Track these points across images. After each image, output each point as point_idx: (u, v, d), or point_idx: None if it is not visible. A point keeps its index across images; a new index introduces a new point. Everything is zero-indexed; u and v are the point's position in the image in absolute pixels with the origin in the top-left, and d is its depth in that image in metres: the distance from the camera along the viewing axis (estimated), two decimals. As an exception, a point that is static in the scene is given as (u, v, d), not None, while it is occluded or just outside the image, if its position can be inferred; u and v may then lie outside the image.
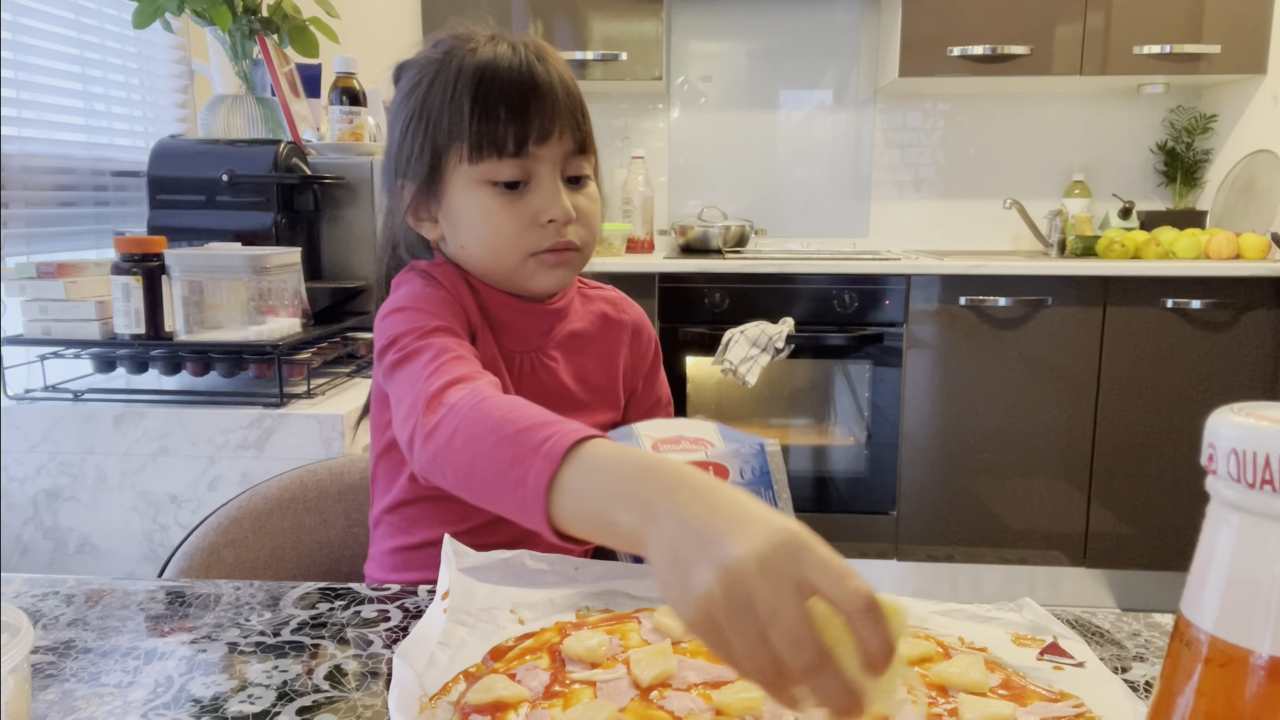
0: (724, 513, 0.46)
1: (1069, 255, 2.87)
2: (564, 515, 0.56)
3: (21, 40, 1.89)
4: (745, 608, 0.43)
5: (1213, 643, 0.32)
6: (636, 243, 3.07)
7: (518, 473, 0.58)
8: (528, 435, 0.60)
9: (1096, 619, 0.72)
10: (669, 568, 0.47)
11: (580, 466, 0.56)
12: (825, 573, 0.43)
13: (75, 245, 2.05)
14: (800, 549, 0.44)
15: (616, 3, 2.85)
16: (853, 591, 0.42)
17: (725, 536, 0.45)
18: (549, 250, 0.88)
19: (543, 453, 0.57)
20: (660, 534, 0.48)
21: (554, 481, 0.56)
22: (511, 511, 0.60)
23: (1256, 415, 0.31)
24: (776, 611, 0.42)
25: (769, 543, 0.44)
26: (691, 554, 0.45)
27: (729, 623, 0.43)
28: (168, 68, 2.42)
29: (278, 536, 1.06)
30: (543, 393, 0.95)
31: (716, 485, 0.50)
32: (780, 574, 0.43)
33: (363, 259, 1.92)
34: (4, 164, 1.80)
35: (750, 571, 0.43)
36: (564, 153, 0.88)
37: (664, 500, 0.49)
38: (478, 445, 0.63)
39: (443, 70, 0.87)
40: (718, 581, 0.43)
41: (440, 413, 0.68)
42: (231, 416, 1.48)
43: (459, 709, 0.55)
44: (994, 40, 2.76)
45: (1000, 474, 2.67)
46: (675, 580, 0.46)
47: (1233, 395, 2.52)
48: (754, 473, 0.75)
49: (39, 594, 0.75)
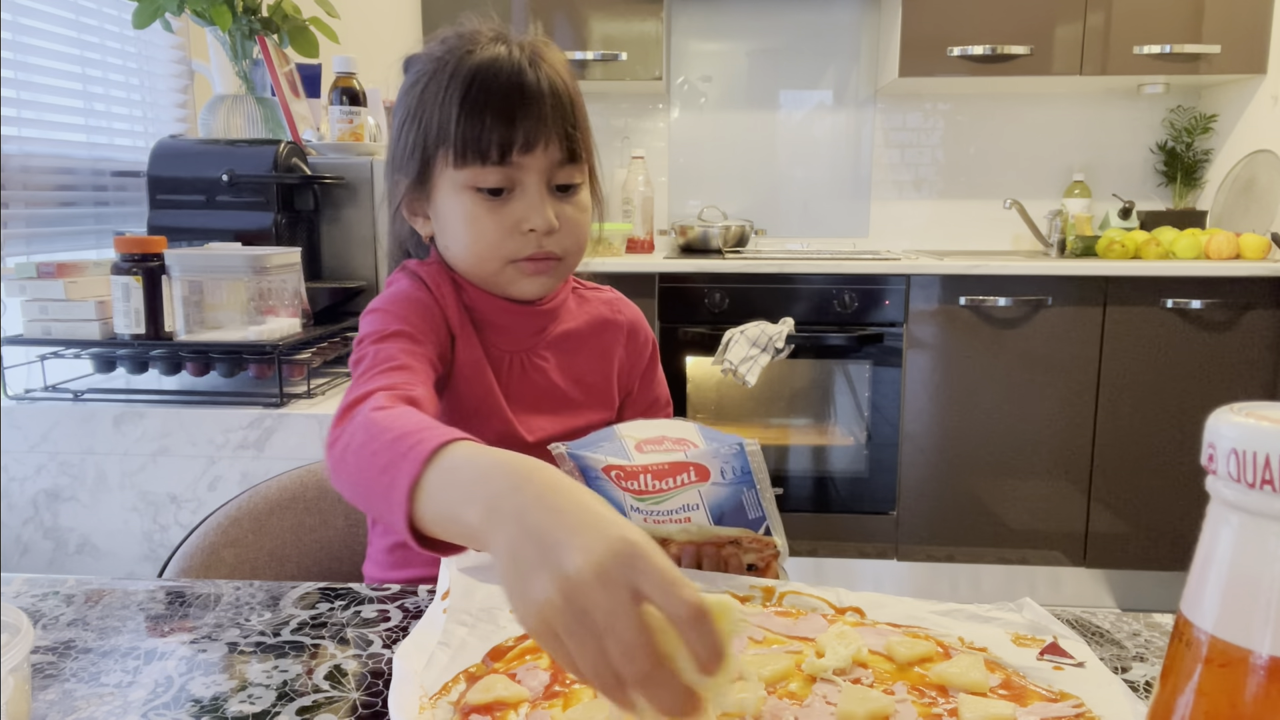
0: (565, 517, 0.46)
1: (1069, 255, 2.87)
2: (424, 516, 0.57)
3: (21, 40, 1.89)
4: (583, 618, 0.43)
5: (1213, 643, 0.32)
6: (636, 243, 3.07)
7: (389, 477, 0.59)
8: (401, 441, 0.60)
9: (1096, 619, 0.72)
10: (510, 571, 0.47)
11: (440, 467, 0.57)
12: (657, 583, 0.43)
13: (75, 245, 2.05)
14: (635, 558, 0.44)
15: (616, 3, 2.85)
16: (680, 601, 0.42)
17: (564, 545, 0.45)
18: (529, 259, 0.89)
19: (410, 456, 0.58)
20: (502, 535, 0.48)
21: (417, 484, 0.57)
22: (385, 516, 0.60)
23: (1256, 415, 0.31)
24: (613, 622, 0.42)
25: (606, 552, 0.44)
26: (531, 560, 0.45)
27: (567, 632, 0.43)
28: (168, 68, 2.42)
29: (278, 536, 1.06)
30: (534, 392, 0.95)
31: (561, 484, 0.49)
32: (617, 584, 0.43)
33: (363, 259, 1.92)
34: (4, 164, 1.80)
35: (588, 582, 0.43)
36: (551, 162, 0.87)
37: (507, 499, 0.49)
38: (361, 453, 0.64)
39: (440, 70, 0.87)
40: (557, 591, 0.44)
41: (343, 424, 0.70)
42: (231, 416, 1.48)
43: (459, 709, 0.55)
44: (994, 40, 2.76)
45: (1000, 474, 2.67)
46: (516, 585, 0.46)
47: (1233, 395, 2.52)
48: (735, 473, 0.76)
49: (39, 594, 0.75)
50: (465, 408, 0.91)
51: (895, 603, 0.70)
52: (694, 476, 0.75)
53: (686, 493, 0.75)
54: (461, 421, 0.90)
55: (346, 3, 2.41)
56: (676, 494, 0.75)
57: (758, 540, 0.78)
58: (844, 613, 0.70)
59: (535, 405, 0.95)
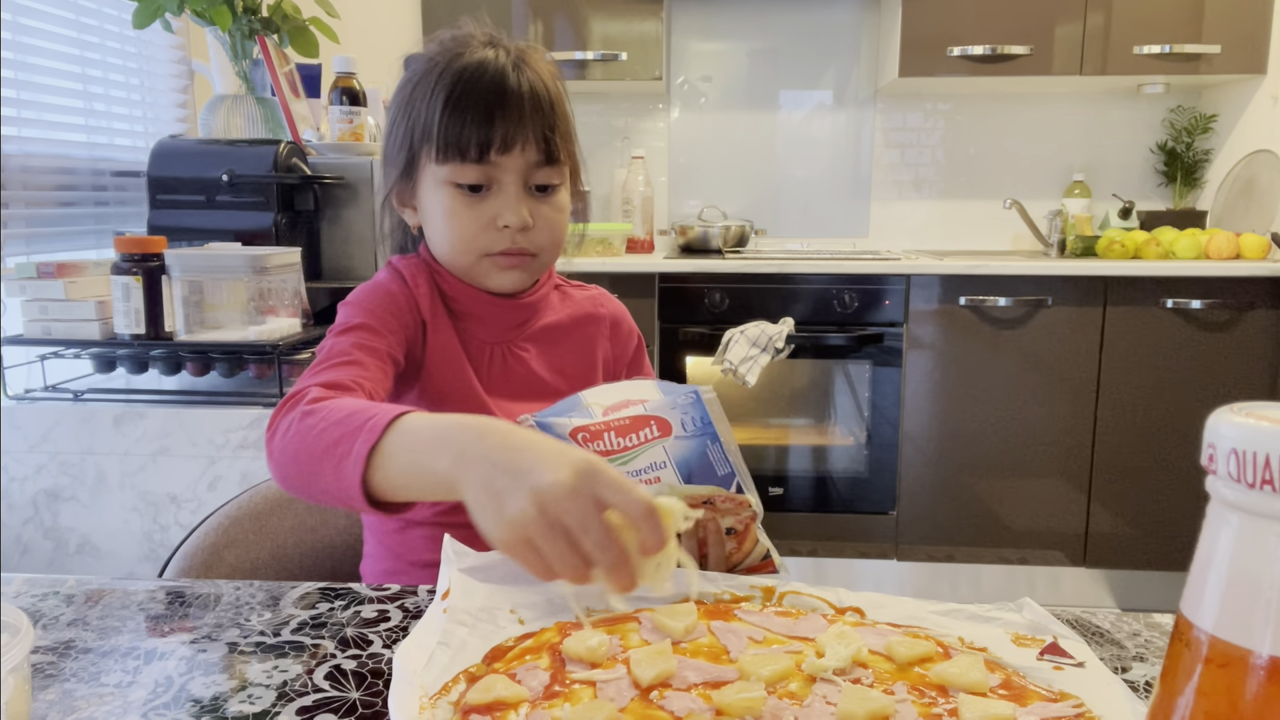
0: (529, 452, 0.56)
1: (1069, 255, 2.87)
2: (381, 477, 0.64)
3: (21, 40, 1.89)
4: (556, 524, 0.53)
5: (1213, 643, 0.32)
6: (636, 243, 3.07)
7: (342, 450, 0.66)
8: (353, 419, 0.67)
9: (1096, 619, 0.72)
10: (484, 500, 0.56)
11: (398, 433, 0.64)
12: (615, 489, 0.54)
13: (75, 245, 2.05)
14: (596, 474, 0.54)
15: (616, 3, 2.85)
16: (635, 501, 0.54)
17: (534, 470, 0.54)
18: (503, 253, 0.93)
19: (366, 428, 0.65)
20: (474, 474, 0.57)
21: (374, 450, 0.64)
22: (331, 488, 0.66)
23: (1256, 415, 0.31)
24: (586, 523, 0.53)
25: (572, 471, 0.54)
26: (505, 485, 0.55)
27: (543, 536, 0.53)
28: (168, 68, 2.42)
29: (278, 536, 1.06)
30: (514, 382, 0.98)
31: (517, 431, 0.60)
32: (583, 495, 0.53)
33: (363, 259, 1.92)
34: (4, 164, 1.80)
35: (561, 496, 0.53)
36: (529, 162, 0.91)
37: (473, 446, 0.59)
38: (306, 435, 0.70)
39: (430, 71, 0.91)
40: (533, 505, 0.53)
41: (281, 414, 0.75)
42: (231, 416, 1.47)
43: (459, 709, 0.55)
44: (994, 40, 2.76)
45: (1000, 474, 2.67)
46: (491, 508, 0.55)
47: (1233, 395, 2.52)
48: (696, 424, 0.78)
49: (39, 594, 0.75)
50: (439, 393, 0.95)
51: (895, 603, 0.70)
52: (656, 431, 0.77)
53: (652, 450, 0.77)
54: (436, 406, 0.94)
55: (346, 3, 2.41)
56: (642, 451, 0.77)
57: (732, 500, 0.79)
58: (844, 613, 0.70)
59: (515, 394, 0.99)
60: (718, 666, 0.61)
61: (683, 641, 0.64)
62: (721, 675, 0.60)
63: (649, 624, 0.66)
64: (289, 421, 0.72)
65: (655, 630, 0.65)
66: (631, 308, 1.13)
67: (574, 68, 2.86)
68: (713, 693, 0.57)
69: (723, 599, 0.72)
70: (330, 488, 0.67)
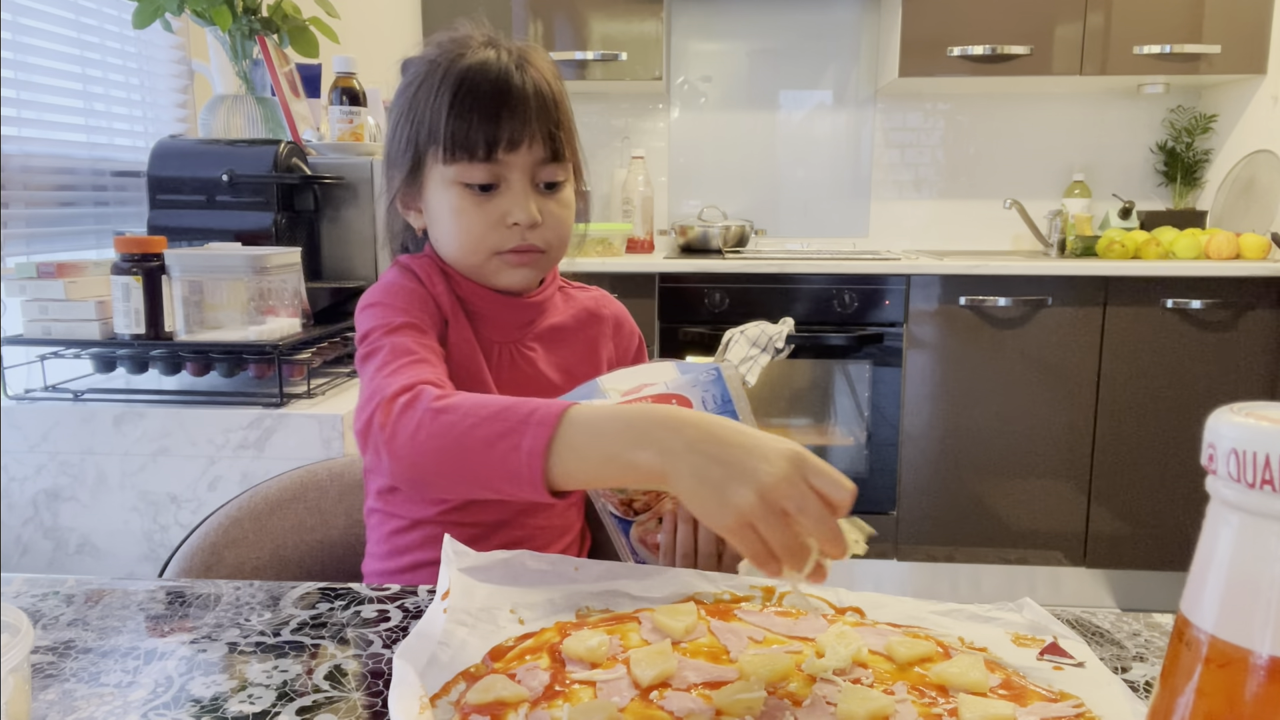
0: (735, 445, 0.61)
1: (1069, 255, 2.87)
2: (568, 471, 0.66)
3: (21, 40, 1.89)
4: (776, 509, 0.58)
5: (1213, 643, 0.32)
6: (636, 243, 3.07)
7: (508, 444, 0.67)
8: (509, 413, 0.68)
9: (1096, 619, 0.72)
10: (702, 490, 0.60)
11: (575, 428, 0.66)
12: (825, 479, 0.59)
13: (75, 245, 2.05)
14: (805, 461, 0.60)
15: (616, 3, 2.85)
16: (841, 487, 0.59)
17: (748, 462, 0.59)
18: (512, 251, 0.94)
19: (533, 422, 0.67)
20: (684, 465, 0.61)
21: (552, 444, 0.66)
22: (499, 482, 0.68)
23: (1256, 415, 0.31)
24: (804, 506, 0.58)
25: (786, 461, 0.59)
26: (721, 477, 0.60)
27: (764, 522, 0.58)
28: (168, 68, 2.42)
29: (278, 536, 1.06)
30: (522, 381, 0.99)
31: (713, 421, 0.63)
32: (798, 481, 0.59)
33: (363, 259, 1.92)
34: (4, 164, 1.80)
35: (779, 484, 0.58)
36: (535, 160, 0.92)
37: (674, 439, 0.62)
38: (451, 431, 0.71)
39: (432, 72, 0.92)
40: (754, 493, 0.58)
41: (395, 413, 0.74)
42: (231, 416, 1.47)
43: (459, 709, 0.55)
44: (994, 40, 2.76)
45: (1000, 474, 2.67)
46: (712, 498, 0.60)
47: (1233, 395, 2.52)
48: (716, 401, 0.79)
49: (39, 594, 0.75)
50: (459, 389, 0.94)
51: (895, 603, 0.70)
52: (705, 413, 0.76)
53: None
54: None
55: (346, 3, 2.41)
56: None
57: None
58: (844, 613, 0.70)
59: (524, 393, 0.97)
60: (718, 666, 0.61)
61: (683, 641, 0.64)
62: (721, 675, 0.60)
63: (649, 624, 0.66)
64: (416, 419, 0.72)
65: (655, 630, 0.65)
66: (631, 308, 1.13)
67: (574, 68, 2.86)
68: (713, 693, 0.57)
69: (723, 599, 0.72)
70: (491, 480, 0.68)
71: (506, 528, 0.96)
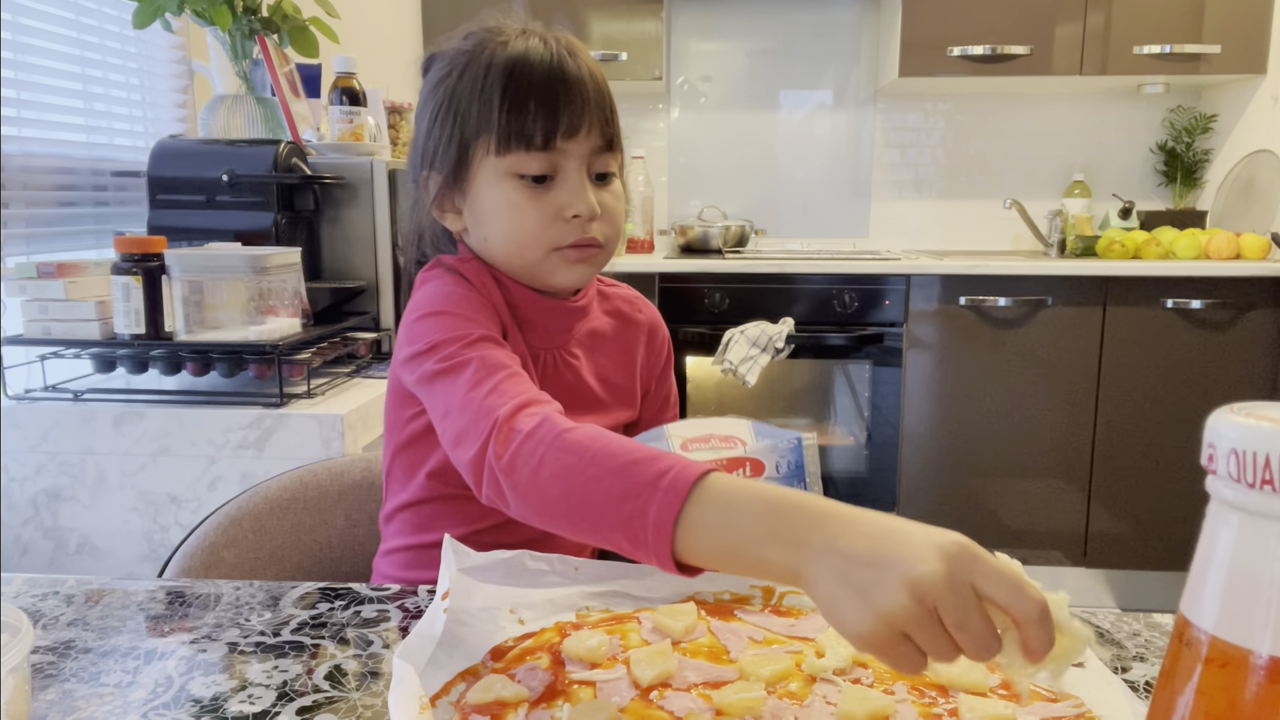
0: (887, 539, 0.51)
1: (1069, 255, 2.87)
2: (693, 549, 0.57)
3: (21, 40, 1.89)
4: (933, 617, 0.47)
5: (1213, 643, 0.32)
6: (636, 243, 3.07)
7: (634, 506, 0.58)
8: (637, 469, 0.60)
9: (1096, 619, 0.72)
10: (844, 595, 0.50)
11: (707, 503, 0.57)
12: (1000, 584, 0.48)
13: (75, 245, 2.04)
14: (972, 560, 0.48)
15: (616, 3, 2.85)
16: (1029, 600, 0.47)
17: (902, 559, 0.49)
18: (572, 246, 0.88)
19: (662, 487, 0.58)
20: (824, 567, 0.51)
21: (679, 517, 0.57)
22: (623, 544, 0.60)
23: (1256, 415, 0.31)
24: (966, 618, 0.47)
25: (948, 559, 0.48)
26: (869, 579, 0.49)
27: (919, 631, 0.48)
28: (168, 68, 2.42)
29: (278, 536, 1.06)
30: (565, 390, 0.94)
31: (862, 514, 0.54)
32: (962, 584, 0.47)
33: (363, 259, 1.92)
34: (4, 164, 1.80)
35: (939, 585, 0.47)
36: (591, 149, 0.87)
37: (815, 534, 0.53)
38: (575, 477, 0.63)
39: (473, 62, 0.87)
40: (910, 598, 0.47)
41: (516, 441, 0.67)
42: (231, 416, 1.47)
43: (459, 709, 0.55)
44: (994, 40, 2.76)
45: (1000, 474, 2.67)
46: (855, 603, 0.49)
47: (1233, 395, 2.52)
48: (790, 466, 0.76)
49: (39, 594, 0.75)
50: None
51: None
52: (749, 472, 0.76)
53: None
54: None
55: (346, 3, 2.41)
56: None
57: None
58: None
59: (568, 403, 0.93)
60: (718, 666, 0.61)
61: (683, 641, 0.64)
62: (721, 675, 0.60)
63: (649, 624, 0.66)
64: (539, 453, 0.65)
65: (655, 630, 0.65)
66: (631, 308, 1.12)
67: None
68: (713, 693, 0.57)
69: (722, 599, 0.72)
70: (619, 544, 0.61)
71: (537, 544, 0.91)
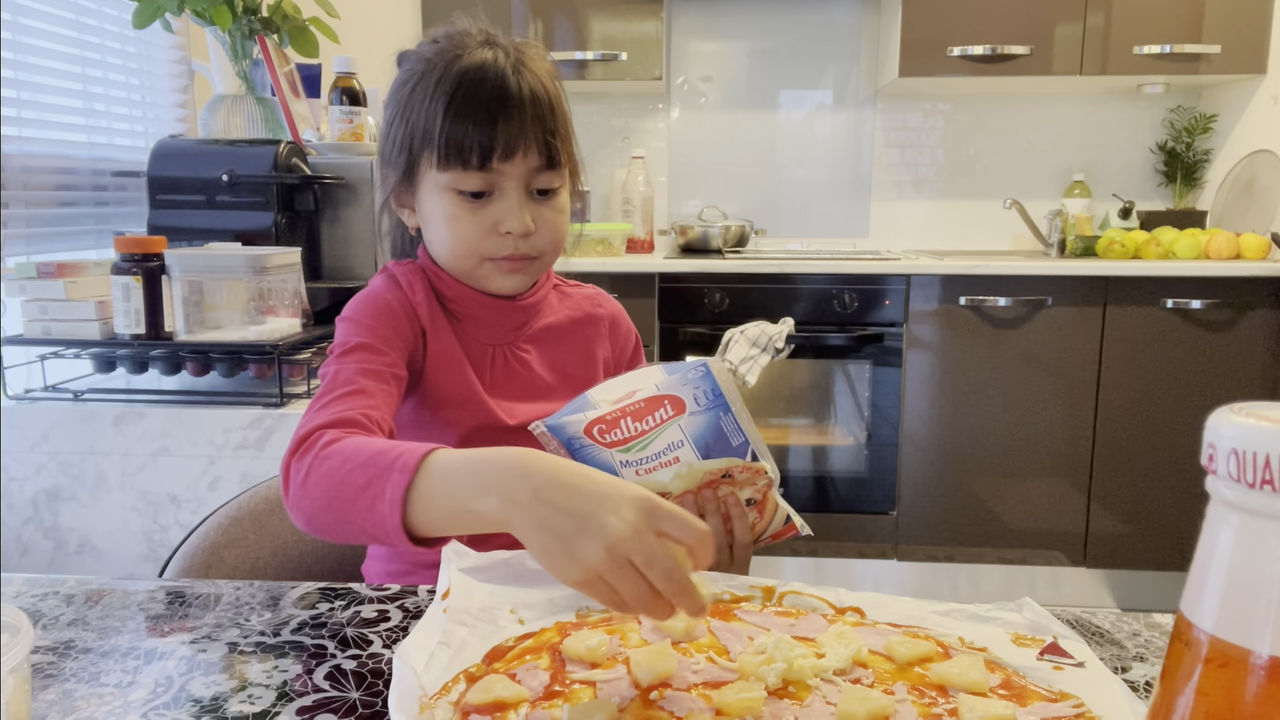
0: (582, 492, 0.58)
1: (1069, 255, 2.87)
2: (422, 519, 0.64)
3: (21, 40, 1.89)
4: (625, 563, 0.55)
5: (1213, 643, 0.32)
6: (636, 243, 3.07)
7: (374, 490, 0.65)
8: (379, 458, 0.67)
9: (1096, 619, 0.72)
10: (547, 542, 0.57)
11: (433, 475, 0.64)
12: (675, 523, 0.57)
13: (75, 245, 2.05)
14: (654, 510, 0.57)
15: (616, 3, 2.85)
16: (694, 530, 0.57)
17: (595, 514, 0.56)
18: (505, 258, 0.93)
19: (396, 468, 0.65)
20: (529, 517, 0.58)
21: (410, 491, 0.64)
22: (368, 529, 0.66)
23: (1256, 415, 0.31)
24: (652, 561, 0.55)
25: (633, 511, 0.56)
26: (568, 529, 0.56)
27: (614, 577, 0.55)
28: (168, 68, 2.42)
29: (278, 536, 1.06)
30: (516, 383, 0.98)
31: (560, 464, 0.60)
32: (646, 533, 0.56)
33: (363, 259, 1.92)
34: (4, 164, 1.80)
35: (628, 537, 0.55)
36: (530, 168, 0.90)
37: (518, 487, 0.59)
38: (332, 477, 0.69)
39: (429, 72, 0.90)
40: (604, 549, 0.55)
41: (295, 459, 0.74)
42: (231, 416, 1.47)
43: (459, 709, 0.55)
44: (994, 40, 2.76)
45: (1000, 474, 2.67)
46: (557, 550, 0.57)
47: (1233, 395, 2.52)
48: (708, 397, 0.79)
49: (39, 594, 0.75)
50: (441, 396, 0.94)
51: (895, 603, 0.70)
52: (671, 410, 0.78)
53: (668, 430, 0.78)
54: (438, 410, 0.94)
55: (346, 3, 2.41)
56: (659, 433, 0.78)
57: (748, 469, 0.80)
58: (844, 613, 0.70)
59: (518, 395, 0.98)
60: (718, 666, 0.61)
61: (683, 641, 0.64)
62: (721, 675, 0.60)
63: (649, 624, 0.66)
64: (306, 467, 0.72)
65: (655, 630, 0.65)
66: (631, 308, 1.13)
67: (574, 68, 2.86)
68: (712, 693, 0.57)
69: (722, 599, 0.72)
70: (367, 530, 0.67)
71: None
